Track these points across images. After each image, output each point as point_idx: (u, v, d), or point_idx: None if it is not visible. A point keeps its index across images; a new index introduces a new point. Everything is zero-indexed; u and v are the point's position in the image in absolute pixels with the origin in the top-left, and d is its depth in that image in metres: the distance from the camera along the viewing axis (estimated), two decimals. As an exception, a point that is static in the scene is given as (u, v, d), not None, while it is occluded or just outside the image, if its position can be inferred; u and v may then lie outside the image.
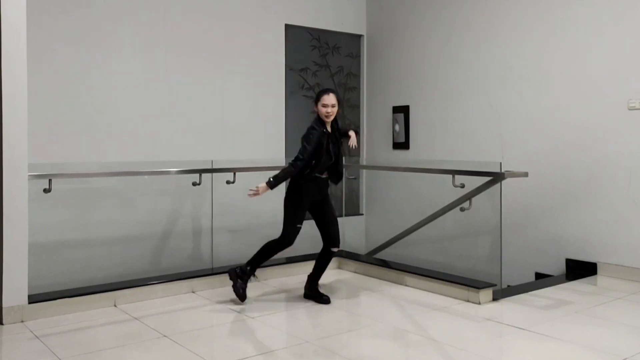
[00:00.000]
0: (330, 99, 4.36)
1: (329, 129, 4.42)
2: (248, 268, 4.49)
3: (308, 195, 4.41)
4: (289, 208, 4.42)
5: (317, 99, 4.43)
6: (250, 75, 6.46)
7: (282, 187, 4.53)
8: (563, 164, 5.54)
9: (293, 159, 4.35)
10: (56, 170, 4.71)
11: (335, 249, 4.57)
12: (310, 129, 4.37)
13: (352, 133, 4.59)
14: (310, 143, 4.29)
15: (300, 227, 4.41)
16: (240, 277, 4.47)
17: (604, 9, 5.27)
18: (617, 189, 5.20)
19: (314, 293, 4.56)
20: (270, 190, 4.28)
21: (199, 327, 3.99)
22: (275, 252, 4.49)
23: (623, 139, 5.16)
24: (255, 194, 4.27)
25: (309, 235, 4.60)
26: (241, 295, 4.44)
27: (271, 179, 4.28)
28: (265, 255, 4.50)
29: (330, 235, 4.54)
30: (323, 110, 4.35)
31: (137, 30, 5.70)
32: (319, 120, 4.40)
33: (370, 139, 7.43)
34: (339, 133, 4.54)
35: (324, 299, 4.50)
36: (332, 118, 4.39)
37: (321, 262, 4.60)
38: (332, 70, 7.22)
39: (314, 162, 4.33)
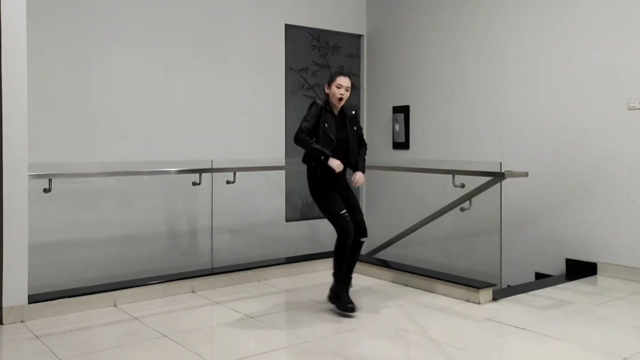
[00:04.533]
0: (346, 80, 4.19)
1: (335, 112, 4.22)
2: (334, 279, 4.23)
3: (325, 183, 4.15)
4: (320, 204, 4.17)
5: (331, 79, 4.20)
6: (251, 75, 6.46)
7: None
8: (563, 164, 5.54)
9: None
10: (56, 170, 4.71)
11: (363, 239, 4.24)
12: (312, 103, 4.19)
13: (359, 174, 4.27)
14: (310, 116, 4.13)
15: (345, 214, 4.06)
16: (337, 296, 4.20)
17: (603, 9, 5.27)
18: (617, 189, 5.20)
19: (341, 297, 4.22)
20: (336, 160, 4.08)
21: (199, 327, 3.99)
22: (344, 251, 4.10)
23: (623, 139, 5.16)
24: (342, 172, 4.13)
25: (309, 235, 4.61)
26: (351, 309, 4.10)
27: (321, 158, 4.08)
28: (339, 260, 4.15)
29: (357, 225, 4.18)
30: (337, 91, 4.14)
31: (137, 30, 5.69)
32: (326, 102, 4.22)
33: (370, 139, 7.42)
34: (351, 121, 4.26)
35: (348, 308, 4.14)
36: (343, 102, 4.20)
37: (352, 256, 4.23)
38: (332, 70, 7.21)
39: (314, 139, 4.12)
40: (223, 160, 5.62)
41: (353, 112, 4.35)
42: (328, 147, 4.12)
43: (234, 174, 5.57)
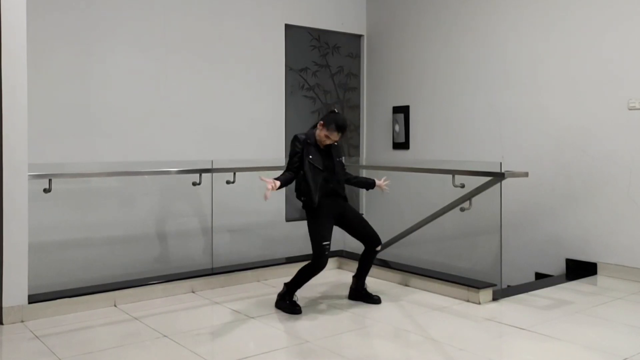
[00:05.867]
0: (338, 137, 4.25)
1: (319, 144, 4.29)
2: (285, 289, 4.34)
3: (323, 211, 4.24)
4: (310, 227, 4.27)
5: (329, 124, 4.20)
6: (250, 75, 6.46)
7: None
8: (563, 164, 5.54)
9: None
10: (56, 170, 4.72)
11: (378, 248, 4.48)
12: (293, 139, 4.30)
13: (379, 182, 4.65)
14: (291, 155, 4.27)
15: (327, 245, 4.19)
16: (282, 300, 4.33)
17: (603, 9, 5.27)
18: (617, 189, 5.20)
19: (363, 294, 4.55)
20: (273, 182, 4.13)
21: (199, 327, 3.99)
22: (309, 277, 4.28)
23: (623, 139, 5.16)
24: (269, 187, 4.12)
25: (307, 235, 4.58)
26: (295, 310, 4.24)
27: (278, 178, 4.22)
28: (300, 280, 4.29)
29: (367, 236, 4.45)
30: (325, 139, 4.23)
31: (137, 30, 5.69)
32: (311, 134, 4.30)
33: (370, 139, 7.43)
34: (335, 151, 4.37)
35: (374, 299, 4.49)
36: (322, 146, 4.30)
37: (366, 262, 4.53)
38: (332, 70, 7.22)
39: (303, 174, 4.21)
40: (223, 160, 5.62)
41: (335, 143, 4.38)
42: (318, 177, 4.23)
43: (234, 174, 5.57)
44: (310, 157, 4.22)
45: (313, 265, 4.24)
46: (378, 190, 4.74)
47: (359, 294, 4.56)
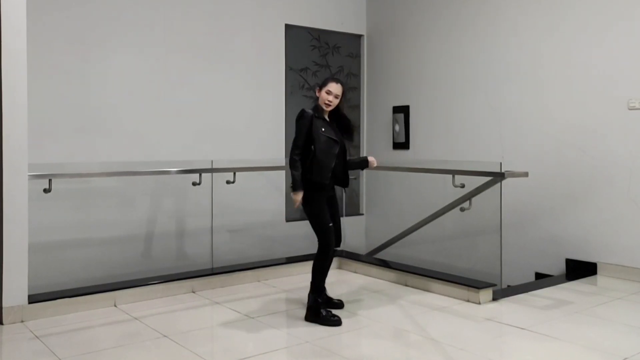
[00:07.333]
0: (336, 87, 4.08)
1: (325, 117, 4.15)
2: (312, 296, 4.10)
3: (322, 195, 4.12)
4: (312, 214, 4.12)
5: (322, 84, 4.11)
6: (250, 75, 6.46)
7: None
8: (563, 164, 5.54)
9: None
10: (56, 170, 4.72)
11: (339, 247, 4.39)
12: (300, 114, 4.06)
13: (370, 159, 4.43)
14: (299, 130, 4.04)
15: (332, 226, 4.10)
16: (317, 313, 4.03)
17: (604, 9, 5.27)
18: (617, 189, 5.20)
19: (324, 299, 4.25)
20: (301, 193, 4.06)
21: (199, 327, 3.99)
22: (325, 264, 4.11)
23: (623, 139, 5.16)
24: (298, 205, 4.09)
25: (309, 235, 4.59)
26: (336, 322, 3.98)
27: (291, 186, 4.11)
28: (319, 273, 4.10)
29: (336, 233, 4.25)
30: (325, 96, 4.06)
31: (137, 30, 5.70)
32: (315, 107, 4.13)
33: (370, 139, 7.43)
34: (342, 128, 4.22)
35: (335, 304, 4.31)
36: (330, 108, 4.10)
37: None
38: (332, 70, 7.22)
39: (315, 150, 4.00)
40: (223, 160, 5.62)
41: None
42: (333, 150, 4.06)
43: (234, 174, 5.57)
44: (322, 129, 4.03)
45: (324, 251, 4.07)
46: (372, 167, 4.49)
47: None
